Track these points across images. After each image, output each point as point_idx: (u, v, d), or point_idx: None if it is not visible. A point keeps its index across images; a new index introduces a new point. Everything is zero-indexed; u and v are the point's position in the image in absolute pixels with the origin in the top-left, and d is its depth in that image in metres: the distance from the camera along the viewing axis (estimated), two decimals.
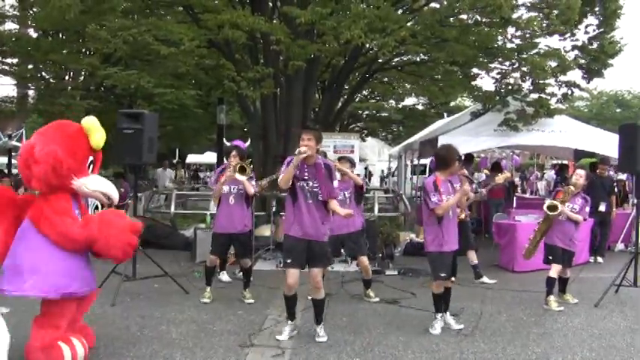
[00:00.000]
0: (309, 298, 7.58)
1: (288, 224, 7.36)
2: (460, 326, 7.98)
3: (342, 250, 10.51)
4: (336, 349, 7.05)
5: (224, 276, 11.09)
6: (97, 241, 6.17)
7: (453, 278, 8.10)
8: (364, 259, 9.66)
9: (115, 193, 6.54)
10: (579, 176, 9.55)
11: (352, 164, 9.92)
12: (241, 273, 9.93)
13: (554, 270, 9.30)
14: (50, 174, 6.12)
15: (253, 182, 9.47)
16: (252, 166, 9.68)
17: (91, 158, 6.47)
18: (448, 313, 8.13)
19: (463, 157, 15.95)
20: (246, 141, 12.37)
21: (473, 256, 11.22)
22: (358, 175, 10.04)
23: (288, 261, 7.27)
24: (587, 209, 9.69)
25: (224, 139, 17.49)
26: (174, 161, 32.47)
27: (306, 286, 7.65)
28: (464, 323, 8.11)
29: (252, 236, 10.24)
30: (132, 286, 9.58)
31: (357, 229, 9.68)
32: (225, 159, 9.82)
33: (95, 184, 6.39)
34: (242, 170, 8.99)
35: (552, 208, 9.19)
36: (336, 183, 7.35)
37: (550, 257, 9.40)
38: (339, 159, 10.01)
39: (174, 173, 25.82)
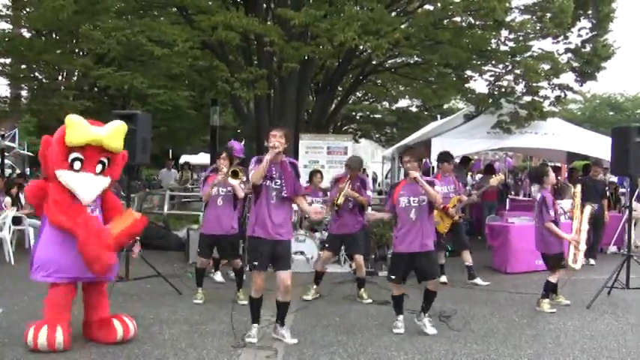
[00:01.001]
0: (276, 299, 7.49)
1: (251, 225, 7.32)
2: (434, 331, 7.91)
3: (342, 249, 10.52)
4: (328, 350, 7.05)
5: (217, 276, 11.10)
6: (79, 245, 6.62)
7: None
8: (359, 258, 9.70)
9: (82, 193, 6.82)
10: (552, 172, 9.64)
11: (359, 168, 10.03)
12: (234, 274, 9.94)
13: (557, 275, 9.30)
14: (41, 157, 6.92)
15: (242, 186, 9.47)
16: (242, 166, 9.68)
17: (75, 155, 6.79)
18: (427, 315, 8.08)
19: (459, 160, 16.01)
20: (242, 141, 12.33)
21: (467, 257, 11.24)
22: (365, 181, 9.99)
23: (255, 264, 7.25)
24: None
25: (230, 143, 17.51)
26: (183, 162, 32.37)
27: (297, 288, 7.66)
28: (456, 325, 8.12)
29: (240, 237, 10.18)
30: (125, 287, 9.58)
31: (357, 230, 9.77)
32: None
33: (68, 178, 6.78)
34: (235, 175, 8.96)
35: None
36: (302, 181, 7.36)
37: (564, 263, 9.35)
38: (346, 166, 10.03)
39: (181, 174, 25.73)
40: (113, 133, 6.96)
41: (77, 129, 6.73)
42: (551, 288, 9.38)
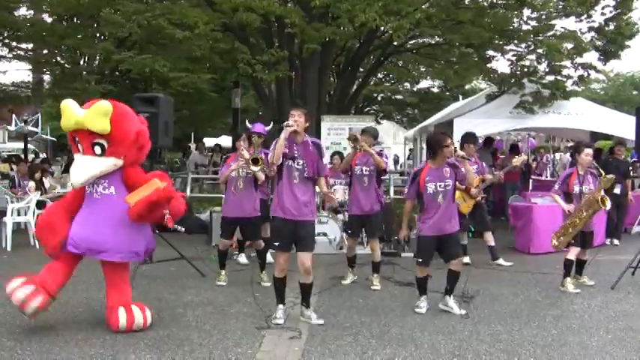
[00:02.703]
0: (299, 281, 7.49)
1: (274, 205, 7.35)
2: (462, 311, 7.93)
3: (364, 230, 10.30)
4: (352, 331, 7.07)
5: (242, 258, 11.13)
6: None
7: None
8: (374, 243, 9.54)
9: (71, 175, 7.03)
10: (588, 155, 9.43)
11: (375, 137, 9.65)
12: (257, 255, 9.92)
13: (573, 252, 9.26)
14: None
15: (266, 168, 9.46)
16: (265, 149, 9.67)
17: (77, 138, 6.94)
18: (452, 296, 8.08)
19: (483, 141, 15.93)
20: (268, 124, 12.26)
21: (490, 238, 11.20)
22: (381, 152, 9.72)
23: (276, 244, 7.26)
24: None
25: (246, 122, 17.45)
26: (214, 145, 32.42)
27: (320, 270, 7.66)
28: (480, 305, 8.11)
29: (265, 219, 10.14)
30: (148, 270, 9.64)
31: (376, 211, 9.52)
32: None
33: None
34: (255, 162, 8.95)
35: (604, 201, 9.09)
36: (325, 161, 7.35)
37: (572, 241, 9.33)
38: (363, 131, 9.77)
39: (211, 156, 25.71)
40: (90, 114, 6.80)
41: (64, 114, 6.82)
42: (571, 265, 9.30)
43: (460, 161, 7.95)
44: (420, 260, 7.98)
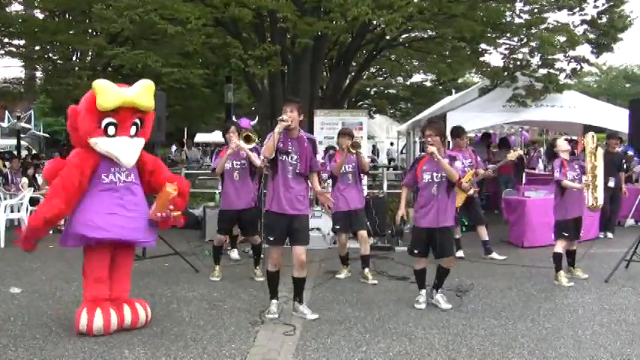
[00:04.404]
0: (292, 276, 7.46)
1: (268, 200, 7.32)
2: (448, 306, 7.87)
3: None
4: (346, 325, 7.06)
5: (234, 254, 11.11)
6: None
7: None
8: (365, 234, 9.59)
9: (123, 157, 6.73)
10: (560, 146, 9.50)
11: (351, 137, 9.64)
12: (251, 250, 9.91)
13: (560, 245, 9.27)
14: (70, 129, 6.84)
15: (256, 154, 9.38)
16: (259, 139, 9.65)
17: (108, 120, 6.64)
18: (440, 291, 8.06)
19: (480, 136, 15.91)
20: (254, 119, 12.26)
21: (483, 232, 11.19)
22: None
23: (271, 238, 7.27)
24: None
25: (232, 117, 17.42)
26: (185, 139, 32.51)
27: (313, 265, 7.66)
28: (474, 299, 8.11)
29: (258, 213, 10.13)
30: (142, 265, 9.62)
31: (363, 206, 9.74)
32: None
33: (105, 145, 6.65)
34: (247, 139, 8.82)
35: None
36: (319, 157, 7.37)
37: (565, 234, 9.31)
38: (341, 134, 9.79)
39: (180, 153, 25.82)
40: (143, 92, 6.85)
41: (108, 93, 6.57)
42: (560, 258, 9.31)
43: (434, 156, 7.74)
44: (416, 251, 7.93)
